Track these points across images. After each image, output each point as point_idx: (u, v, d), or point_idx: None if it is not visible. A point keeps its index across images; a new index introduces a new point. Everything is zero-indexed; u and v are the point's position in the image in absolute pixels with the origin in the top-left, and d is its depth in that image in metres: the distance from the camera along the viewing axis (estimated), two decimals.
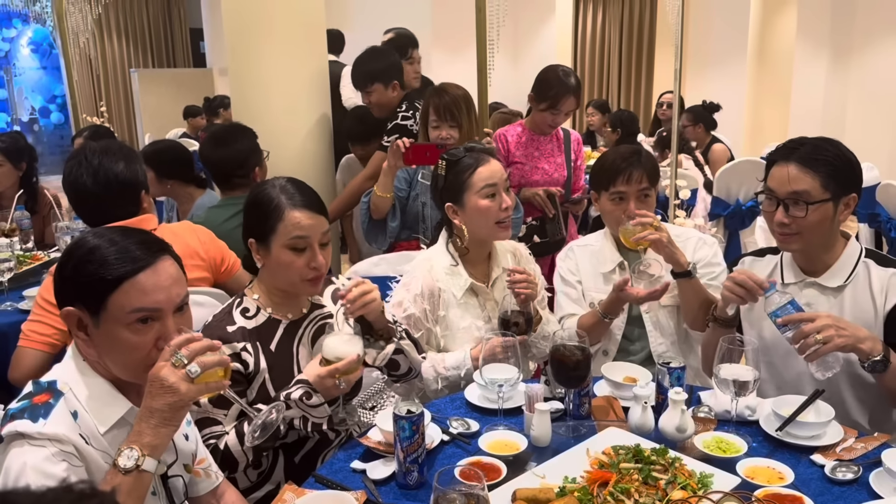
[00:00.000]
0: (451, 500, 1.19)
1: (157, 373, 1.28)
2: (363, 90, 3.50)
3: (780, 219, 1.91)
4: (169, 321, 1.36)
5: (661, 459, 1.52)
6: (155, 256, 1.35)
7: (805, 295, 1.98)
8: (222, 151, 2.94)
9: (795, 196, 1.88)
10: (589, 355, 1.80)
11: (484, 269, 2.29)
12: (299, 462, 1.86)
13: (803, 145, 1.92)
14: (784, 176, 1.89)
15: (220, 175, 2.98)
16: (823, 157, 1.88)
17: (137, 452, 1.25)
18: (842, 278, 1.95)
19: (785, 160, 1.91)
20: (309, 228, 1.78)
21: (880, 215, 4.62)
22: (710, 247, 2.39)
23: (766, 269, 2.11)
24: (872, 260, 1.96)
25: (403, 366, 1.97)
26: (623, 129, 5.89)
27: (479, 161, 2.19)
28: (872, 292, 1.92)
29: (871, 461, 1.60)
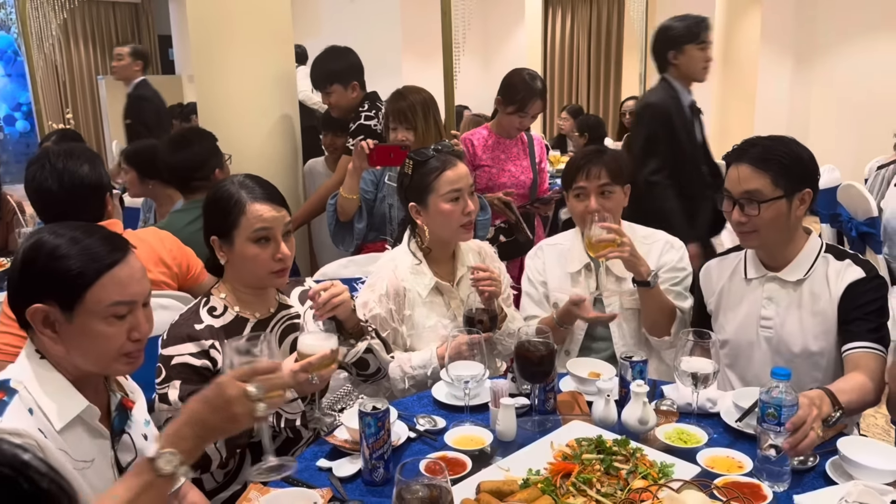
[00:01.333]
0: (413, 493, 1.20)
1: (228, 392, 1.24)
2: (322, 90, 3.47)
3: (737, 218, 1.97)
4: (140, 313, 1.39)
5: (623, 450, 1.55)
6: (125, 251, 1.38)
7: (767, 289, 2.04)
8: (180, 154, 2.91)
9: (748, 195, 1.94)
10: (553, 351, 1.82)
11: (448, 268, 2.31)
12: None
13: (755, 146, 1.98)
14: (736, 176, 1.96)
15: (180, 178, 2.95)
16: (774, 156, 1.94)
17: (178, 459, 1.22)
18: (801, 272, 2.00)
19: (738, 161, 1.98)
20: (272, 220, 1.79)
21: (841, 215, 4.72)
22: (677, 251, 2.41)
23: (730, 265, 2.16)
24: (831, 255, 2.02)
25: (373, 365, 1.98)
26: (590, 133, 5.97)
27: (446, 164, 2.20)
28: (829, 282, 1.98)
29: (827, 450, 1.63)
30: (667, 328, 2.27)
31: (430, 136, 2.89)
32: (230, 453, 1.72)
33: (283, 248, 1.80)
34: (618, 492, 1.42)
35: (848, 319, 1.94)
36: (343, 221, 2.99)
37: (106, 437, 1.43)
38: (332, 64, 3.44)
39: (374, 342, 1.96)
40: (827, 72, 8.90)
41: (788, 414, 1.49)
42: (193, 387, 1.73)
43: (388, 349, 2.04)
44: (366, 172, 2.93)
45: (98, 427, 1.41)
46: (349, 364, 1.97)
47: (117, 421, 1.46)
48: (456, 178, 2.19)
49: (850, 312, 1.94)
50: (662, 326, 2.28)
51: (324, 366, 1.69)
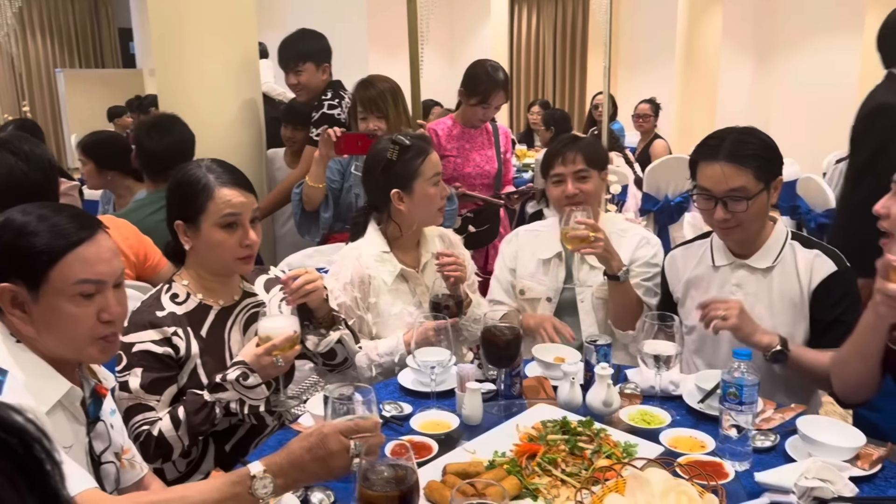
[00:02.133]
0: (378, 473, 1.19)
1: (331, 446, 1.23)
2: (293, 70, 3.40)
3: (721, 216, 1.95)
4: (110, 294, 1.35)
5: (588, 430, 1.56)
6: (93, 229, 1.34)
7: (736, 276, 2.06)
8: (167, 140, 2.83)
9: (733, 193, 1.92)
10: (519, 336, 1.83)
11: (414, 255, 2.30)
12: (230, 451, 1.83)
13: (724, 140, 1.97)
14: (718, 175, 1.93)
15: (160, 165, 2.83)
16: (750, 149, 1.94)
17: (272, 488, 1.22)
18: (770, 259, 2.03)
19: (713, 158, 1.95)
20: (240, 206, 1.77)
21: (801, 207, 4.82)
22: (652, 247, 2.41)
23: (696, 254, 2.17)
24: (798, 242, 2.04)
25: (340, 355, 1.98)
26: (556, 127, 6.00)
27: (427, 149, 2.22)
28: (798, 272, 2.00)
29: (787, 430, 1.67)
30: (632, 322, 2.28)
31: (400, 125, 2.88)
32: (192, 441, 1.70)
33: (251, 235, 1.78)
34: (582, 471, 1.43)
35: (824, 322, 1.96)
36: (309, 211, 2.96)
37: (83, 422, 1.39)
38: (305, 43, 3.40)
39: (344, 332, 1.95)
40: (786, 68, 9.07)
41: (750, 393, 1.51)
42: (155, 374, 1.71)
43: (356, 339, 2.03)
44: (332, 161, 2.91)
45: (78, 412, 1.37)
46: (317, 354, 1.95)
47: (92, 408, 1.42)
48: (437, 162, 2.23)
49: (825, 313, 1.96)
50: (628, 320, 2.28)
51: (287, 348, 1.68)
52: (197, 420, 1.67)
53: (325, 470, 1.24)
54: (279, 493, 1.25)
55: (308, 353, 1.97)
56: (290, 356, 1.71)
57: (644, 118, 6.47)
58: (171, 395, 1.74)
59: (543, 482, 1.40)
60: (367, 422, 1.30)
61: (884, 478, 1.48)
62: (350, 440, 1.24)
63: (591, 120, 7.19)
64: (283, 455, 1.25)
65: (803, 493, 1.37)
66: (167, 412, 1.70)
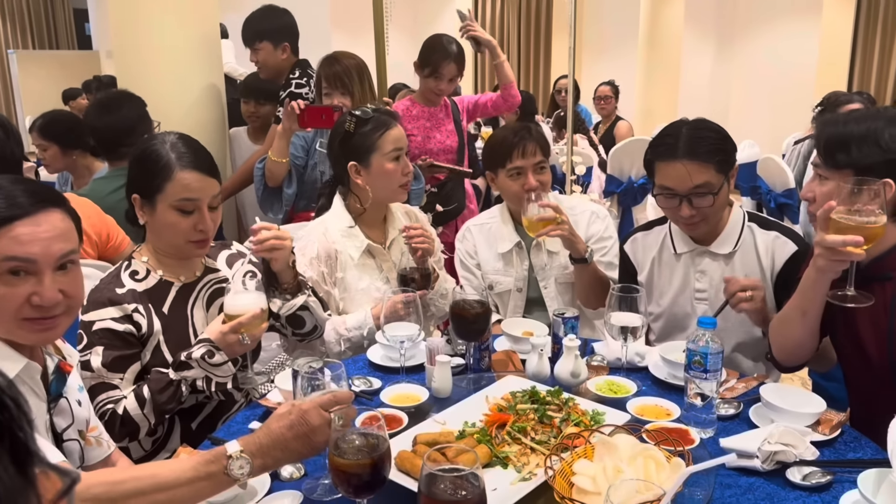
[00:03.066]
0: (349, 442, 1.19)
1: (312, 421, 1.23)
2: (251, 47, 3.37)
3: (687, 213, 1.94)
4: (46, 278, 1.27)
5: (556, 400, 1.57)
6: (39, 206, 1.26)
7: (698, 263, 2.07)
8: (109, 118, 2.79)
9: (698, 190, 1.91)
10: (488, 309, 1.83)
11: (380, 231, 2.29)
12: (196, 428, 1.81)
13: (679, 137, 1.94)
14: (681, 173, 1.91)
15: (107, 143, 2.83)
16: (708, 144, 1.93)
17: (248, 468, 1.19)
18: (731, 245, 2.04)
19: (672, 157, 1.93)
20: (199, 191, 1.71)
21: (761, 188, 4.91)
22: (603, 220, 2.43)
23: (656, 240, 2.17)
24: (756, 224, 2.05)
25: (308, 323, 1.95)
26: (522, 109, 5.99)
27: (388, 123, 2.18)
28: (759, 255, 2.02)
29: (750, 398, 1.70)
30: (602, 300, 2.26)
31: (365, 102, 2.85)
32: (158, 420, 1.68)
33: (206, 221, 1.72)
34: (551, 439, 1.44)
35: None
36: (272, 187, 2.91)
37: (43, 399, 1.35)
38: (263, 22, 3.35)
39: (310, 299, 1.93)
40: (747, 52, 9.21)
41: (714, 361, 1.54)
42: (117, 352, 1.67)
43: (324, 307, 2.01)
44: (296, 137, 2.87)
45: (38, 386, 1.34)
46: (285, 323, 1.93)
47: (55, 384, 1.38)
48: (398, 137, 2.19)
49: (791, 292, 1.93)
50: (596, 299, 2.29)
51: (254, 325, 1.65)
52: (162, 399, 1.65)
53: (308, 446, 1.23)
54: (257, 474, 1.23)
55: (277, 325, 1.95)
56: (257, 334, 1.68)
57: (605, 100, 6.52)
58: (135, 372, 1.71)
59: (513, 450, 1.41)
60: (345, 392, 1.30)
61: (843, 442, 1.53)
62: (330, 413, 1.23)
63: (554, 104, 7.23)
64: (263, 435, 1.23)
65: (767, 457, 1.40)
66: (132, 391, 1.67)
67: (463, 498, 1.04)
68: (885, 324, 1.62)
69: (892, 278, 1.61)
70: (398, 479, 1.30)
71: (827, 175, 1.61)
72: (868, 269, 1.62)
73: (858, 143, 1.55)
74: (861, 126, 1.57)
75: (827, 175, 1.61)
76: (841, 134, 1.59)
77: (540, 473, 1.32)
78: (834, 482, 1.37)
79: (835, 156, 1.58)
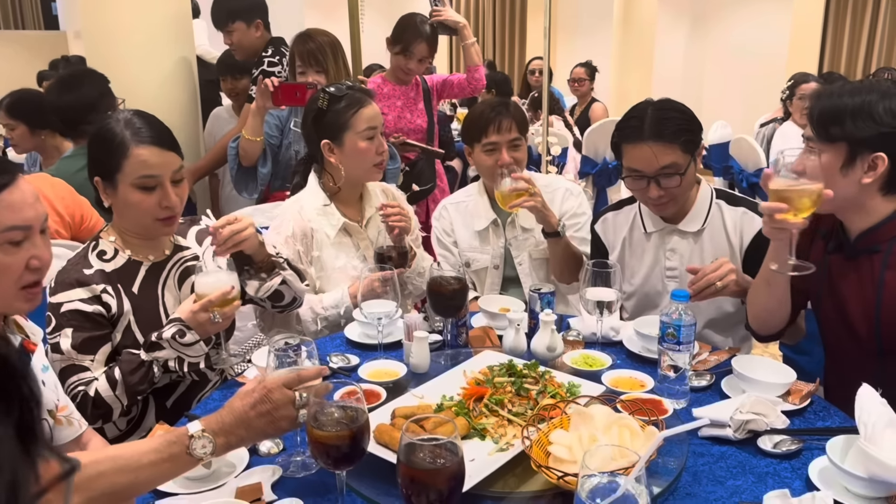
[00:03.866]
0: (328, 414, 1.19)
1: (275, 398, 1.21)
2: (223, 29, 3.32)
3: (655, 194, 1.95)
4: (38, 239, 1.30)
5: (533, 373, 1.59)
6: (13, 174, 1.27)
7: (668, 241, 2.09)
8: (69, 96, 2.74)
9: (665, 170, 1.92)
10: (465, 286, 1.84)
11: (357, 209, 2.28)
12: (171, 407, 1.80)
13: (644, 118, 1.94)
14: (648, 155, 1.92)
15: (69, 122, 2.78)
16: (673, 124, 1.93)
17: (211, 448, 1.18)
18: (699, 222, 2.06)
19: (638, 139, 1.93)
20: (158, 167, 1.67)
21: (733, 168, 4.96)
22: (576, 197, 2.45)
23: (626, 220, 2.18)
24: (723, 200, 2.08)
25: (287, 296, 1.94)
26: (497, 89, 6.00)
27: (362, 101, 2.16)
28: (727, 232, 2.04)
29: (722, 370, 1.73)
30: (575, 274, 2.31)
31: (340, 79, 2.82)
32: (131, 401, 1.66)
33: (170, 196, 1.68)
34: (528, 411, 1.46)
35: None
36: (246, 166, 2.88)
37: None
38: (233, 1, 3.30)
39: (286, 273, 1.91)
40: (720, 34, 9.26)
41: (687, 334, 1.56)
42: (87, 334, 1.65)
43: (301, 278, 1.99)
44: (270, 116, 2.84)
45: None
46: (264, 298, 1.92)
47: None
48: (372, 116, 2.16)
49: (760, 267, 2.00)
50: (571, 273, 2.32)
51: (225, 303, 1.64)
52: (134, 380, 1.63)
53: (272, 426, 1.22)
54: (221, 453, 1.22)
55: (255, 298, 1.94)
56: (229, 312, 1.65)
57: (579, 82, 6.55)
58: (106, 353, 1.69)
59: (491, 422, 1.42)
60: (310, 370, 1.29)
61: (813, 411, 1.56)
62: (294, 391, 1.22)
63: (527, 85, 7.23)
64: (225, 413, 1.22)
65: (739, 425, 1.43)
66: (103, 372, 1.65)
67: (441, 466, 1.05)
68: (873, 296, 1.64)
69: (880, 251, 1.63)
70: (376, 451, 1.31)
71: (820, 148, 1.60)
72: (857, 242, 1.66)
73: (853, 116, 1.56)
74: (855, 99, 1.57)
75: (820, 148, 1.60)
76: (835, 106, 1.58)
77: (517, 444, 1.34)
78: (803, 450, 1.40)
79: (828, 129, 1.58)
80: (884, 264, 1.63)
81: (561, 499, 1.25)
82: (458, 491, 1.08)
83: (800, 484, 1.31)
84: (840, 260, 1.71)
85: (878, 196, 1.61)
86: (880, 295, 1.63)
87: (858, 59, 8.19)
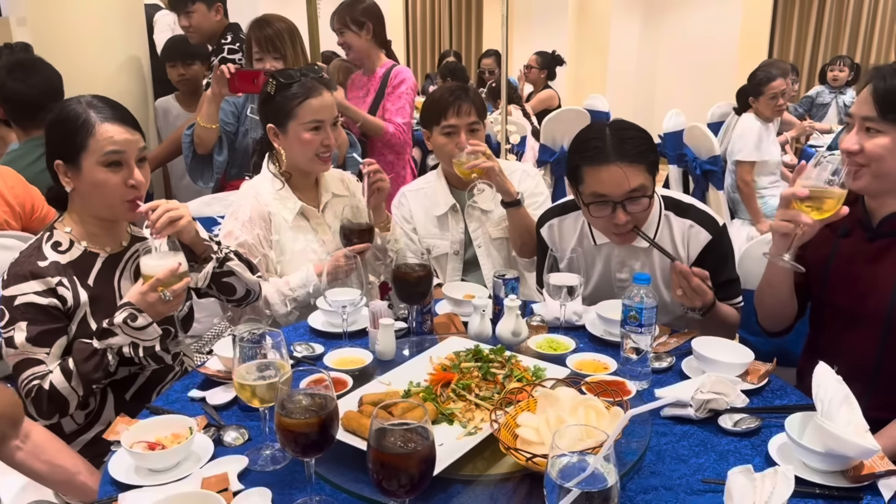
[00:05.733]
0: (296, 402, 1.18)
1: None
2: (182, 11, 3.25)
3: (622, 220, 1.85)
4: None
5: (499, 357, 1.60)
6: None
7: (618, 254, 2.06)
8: (32, 81, 2.62)
9: (633, 194, 1.84)
10: (430, 273, 1.84)
11: (313, 195, 2.25)
12: (131, 399, 1.77)
13: (605, 139, 1.86)
14: (618, 177, 1.82)
15: (27, 109, 2.64)
16: (636, 145, 1.86)
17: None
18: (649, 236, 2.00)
19: (604, 160, 1.83)
20: (124, 143, 1.65)
21: (687, 155, 5.04)
22: (533, 178, 2.48)
23: (574, 227, 2.12)
24: (672, 212, 2.01)
25: (239, 288, 1.91)
26: (453, 79, 6.00)
27: (310, 91, 2.11)
28: (675, 245, 2.01)
29: (682, 352, 1.77)
30: (535, 248, 2.28)
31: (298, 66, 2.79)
32: (87, 392, 1.62)
33: (136, 174, 1.67)
34: (495, 395, 1.46)
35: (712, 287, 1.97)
36: (201, 154, 2.82)
37: None
38: None
39: (232, 263, 1.88)
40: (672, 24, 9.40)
41: (649, 316, 1.58)
42: (42, 327, 1.61)
43: (252, 270, 1.96)
44: (225, 103, 2.79)
45: None
46: (216, 293, 1.89)
47: None
48: (319, 108, 2.12)
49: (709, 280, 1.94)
50: (531, 247, 2.31)
51: (173, 280, 1.60)
52: (87, 368, 1.59)
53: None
54: None
55: (211, 293, 1.90)
56: (178, 289, 1.61)
57: (527, 69, 6.70)
58: (62, 346, 1.65)
59: (458, 407, 1.43)
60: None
61: (770, 390, 1.60)
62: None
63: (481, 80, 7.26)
64: None
65: (700, 405, 1.47)
66: (57, 364, 1.61)
67: (413, 450, 1.05)
68: (892, 277, 1.65)
69: None
70: (345, 438, 1.30)
71: (881, 129, 1.59)
72: (882, 226, 1.68)
73: None
74: None
75: (881, 129, 1.59)
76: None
77: (485, 427, 1.35)
78: (763, 427, 1.44)
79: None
80: None
81: (529, 480, 1.26)
82: (429, 474, 1.08)
83: (760, 461, 1.35)
84: (855, 243, 1.73)
85: None
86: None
87: (806, 48, 8.40)
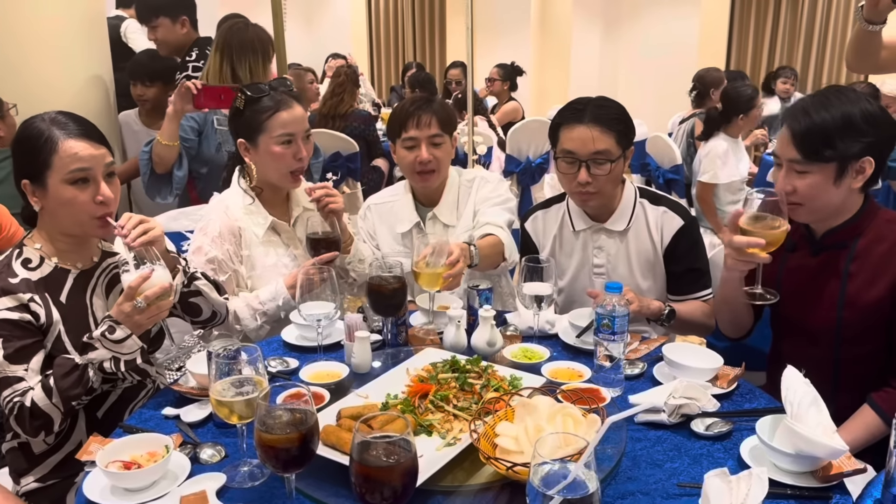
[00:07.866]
0: (276, 418, 1.18)
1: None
2: (148, 25, 3.23)
3: (584, 178, 2.00)
4: None
5: (476, 367, 1.61)
6: None
7: (596, 239, 2.16)
8: None
9: (597, 156, 1.99)
10: (405, 284, 1.85)
11: (283, 209, 2.23)
12: (102, 417, 1.74)
13: (587, 105, 2.04)
14: (585, 136, 1.99)
15: None
16: (612, 114, 2.02)
17: None
18: (624, 222, 2.13)
19: (577, 121, 2.01)
20: (90, 159, 1.62)
21: (650, 164, 5.14)
22: (490, 181, 2.38)
23: (555, 218, 2.23)
24: (646, 200, 2.16)
25: (205, 309, 1.89)
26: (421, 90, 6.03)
27: (280, 105, 2.09)
28: (650, 230, 2.13)
29: (653, 358, 1.80)
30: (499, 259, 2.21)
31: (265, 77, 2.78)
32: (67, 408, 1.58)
33: (103, 190, 1.64)
34: (473, 405, 1.47)
35: (677, 273, 2.13)
36: (160, 173, 2.76)
37: None
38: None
39: (199, 283, 1.86)
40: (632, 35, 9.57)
41: (622, 324, 1.61)
42: (18, 343, 1.58)
43: (220, 291, 1.94)
44: (185, 119, 2.75)
45: None
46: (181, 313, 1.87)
47: None
48: (290, 121, 2.09)
49: (677, 265, 2.12)
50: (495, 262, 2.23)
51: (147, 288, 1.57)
52: (66, 384, 1.56)
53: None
54: None
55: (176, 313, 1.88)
56: (151, 295, 1.58)
57: (489, 81, 6.75)
58: (41, 361, 1.61)
59: (437, 418, 1.43)
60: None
61: (740, 394, 1.64)
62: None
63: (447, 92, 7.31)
64: None
65: (673, 410, 1.49)
66: (38, 381, 1.57)
67: (396, 462, 1.05)
68: (837, 289, 1.73)
69: (847, 247, 1.73)
70: (324, 452, 1.30)
71: (808, 169, 1.65)
72: (824, 240, 1.76)
73: (840, 134, 1.61)
74: (833, 113, 1.62)
75: (808, 169, 1.65)
76: (819, 127, 1.62)
77: (464, 438, 1.36)
78: (734, 430, 1.47)
79: (819, 151, 1.62)
80: (849, 258, 1.72)
81: (509, 489, 1.27)
82: (412, 486, 1.09)
83: (732, 463, 1.38)
84: (801, 257, 1.82)
85: (855, 194, 1.71)
86: (845, 285, 1.72)
87: (762, 55, 8.64)
